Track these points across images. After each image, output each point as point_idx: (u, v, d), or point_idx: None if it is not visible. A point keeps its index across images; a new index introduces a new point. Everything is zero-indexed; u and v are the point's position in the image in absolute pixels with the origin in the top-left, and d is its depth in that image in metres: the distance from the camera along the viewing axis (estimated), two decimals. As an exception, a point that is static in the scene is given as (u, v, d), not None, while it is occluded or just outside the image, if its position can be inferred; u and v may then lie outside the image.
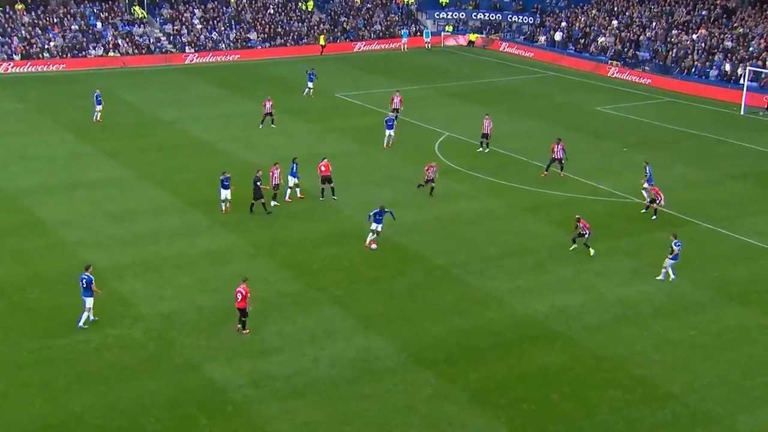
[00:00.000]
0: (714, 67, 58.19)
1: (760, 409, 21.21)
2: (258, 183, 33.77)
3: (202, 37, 70.22)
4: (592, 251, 30.27)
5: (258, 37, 72.13)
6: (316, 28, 74.45)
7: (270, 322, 25.57)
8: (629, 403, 21.65)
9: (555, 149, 38.56)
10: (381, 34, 76.03)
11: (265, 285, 27.70)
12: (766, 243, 31.05)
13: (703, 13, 65.43)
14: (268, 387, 22.29)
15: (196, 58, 68.18)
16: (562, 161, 38.57)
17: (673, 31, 64.36)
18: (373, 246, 30.81)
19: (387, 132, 43.57)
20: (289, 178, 35.41)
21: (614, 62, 64.15)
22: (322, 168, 35.60)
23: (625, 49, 64.74)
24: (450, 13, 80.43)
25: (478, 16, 79.79)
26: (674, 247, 28.22)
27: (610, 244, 31.38)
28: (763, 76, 53.96)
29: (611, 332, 25.25)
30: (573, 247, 30.73)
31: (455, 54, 73.48)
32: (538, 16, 76.86)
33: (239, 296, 24.46)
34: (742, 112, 50.83)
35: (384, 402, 21.80)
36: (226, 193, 33.84)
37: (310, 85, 55.37)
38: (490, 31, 77.95)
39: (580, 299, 27.25)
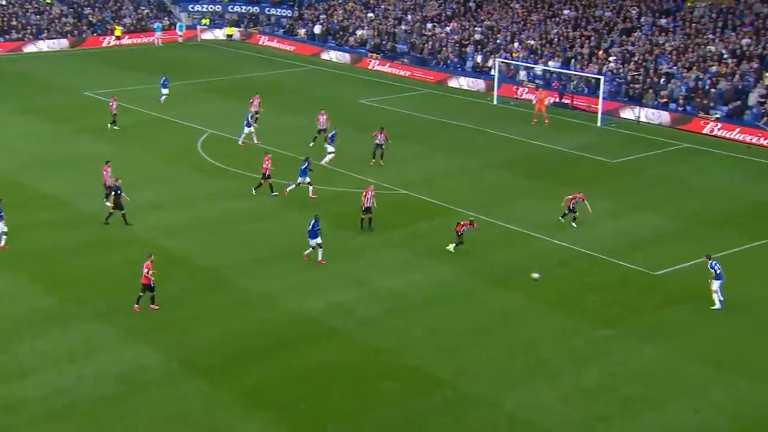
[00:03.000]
0: (467, 59, 61.57)
1: (524, 387, 22.73)
2: (118, 192, 31.98)
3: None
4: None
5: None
6: (57, 21, 70.57)
7: (22, 340, 24.15)
8: (405, 393, 22.46)
9: (377, 136, 40.22)
10: (132, 27, 73.46)
11: (13, 302, 26.00)
12: (524, 228, 33.31)
13: (453, 6, 69.01)
14: (23, 412, 20.98)
15: None
16: (383, 147, 40.13)
17: (428, 24, 67.36)
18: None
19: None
20: (300, 177, 35.28)
21: (374, 55, 66.11)
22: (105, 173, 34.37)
23: (384, 42, 66.93)
24: (205, 6, 79.27)
25: (235, 9, 79.27)
26: (710, 269, 26.81)
27: (381, 237, 32.36)
28: (512, 67, 57.81)
29: (386, 324, 26.07)
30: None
31: (213, 48, 72.54)
32: (295, 8, 77.60)
33: (144, 272, 25.59)
34: (495, 102, 54.18)
35: (155, 415, 21.21)
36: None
37: (165, 91, 51.87)
38: (248, 25, 77.69)
39: (354, 294, 27.89)
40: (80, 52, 67.22)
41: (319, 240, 29.67)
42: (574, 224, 32.93)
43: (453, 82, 59.48)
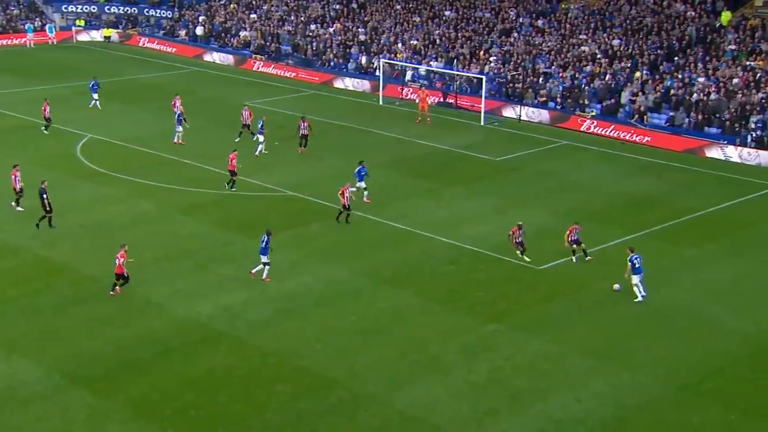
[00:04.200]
0: (351, 59, 61.69)
1: (414, 385, 22.88)
2: (44, 196, 30.88)
3: None
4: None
5: None
6: None
7: None
8: (296, 395, 22.28)
9: (301, 125, 42.23)
10: (1, 29, 70.46)
11: None
12: (411, 226, 33.56)
13: (336, 7, 69.06)
14: None
15: None
16: (307, 136, 41.88)
17: (311, 25, 67.17)
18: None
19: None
20: (358, 182, 35.44)
21: (258, 56, 65.47)
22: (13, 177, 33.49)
23: (268, 43, 66.35)
24: (80, 7, 76.78)
25: (112, 10, 77.09)
26: (629, 262, 27.41)
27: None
28: (396, 67, 58.25)
29: (275, 327, 25.80)
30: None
31: (90, 50, 70.35)
32: (176, 9, 76.07)
33: (116, 261, 26.61)
34: (380, 103, 54.47)
35: (37, 431, 20.33)
36: None
37: (95, 96, 49.77)
38: (126, 26, 75.67)
39: (243, 297, 27.49)
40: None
41: (266, 258, 28.31)
42: (588, 257, 30.25)
43: (338, 83, 59.49)
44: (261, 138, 41.87)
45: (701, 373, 23.66)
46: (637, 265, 27.46)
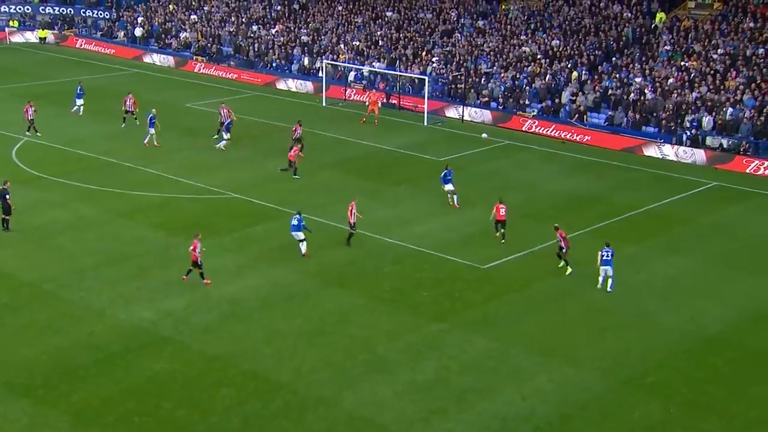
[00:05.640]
0: (294, 61, 61.39)
1: (362, 385, 22.83)
2: (6, 197, 30.38)
3: None
4: (568, 270, 29.32)
5: None
6: None
7: None
8: (242, 399, 22.04)
9: (297, 130, 42.00)
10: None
11: None
12: (356, 227, 33.43)
13: (278, 8, 68.67)
14: None
15: None
16: (302, 140, 41.78)
17: (253, 26, 66.67)
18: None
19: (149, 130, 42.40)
20: (446, 185, 35.81)
21: (199, 57, 64.74)
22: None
23: (209, 44, 65.65)
24: (13, 7, 74.97)
25: (47, 10, 75.48)
26: (600, 253, 28.15)
27: (213, 242, 31.62)
28: (339, 69, 58.11)
29: (220, 331, 25.50)
30: (564, 267, 29.40)
31: (24, 52, 68.81)
32: (113, 10, 74.85)
33: (191, 250, 27.40)
34: (323, 104, 54.28)
35: (-25, 443, 19.84)
36: None
37: (79, 102, 48.35)
38: (62, 27, 74.16)
39: (186, 301, 27.12)
40: None
41: (302, 235, 30.28)
42: (569, 269, 29.56)
43: (281, 85, 59.13)
44: (226, 135, 42.82)
45: (642, 368, 24.03)
46: (604, 257, 28.30)
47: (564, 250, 29.49)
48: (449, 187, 35.98)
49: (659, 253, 31.90)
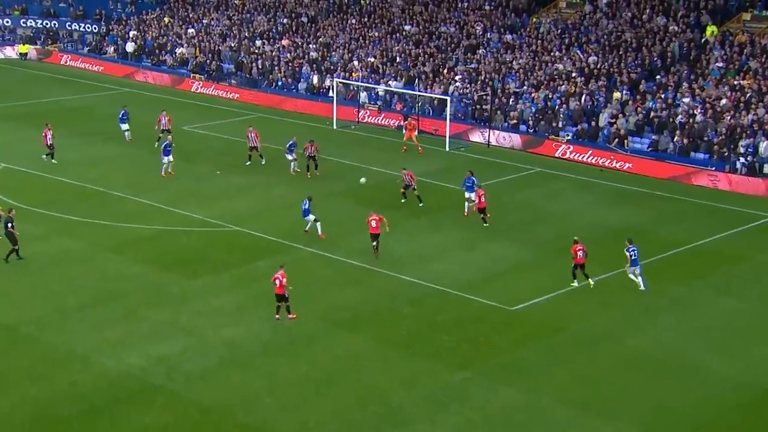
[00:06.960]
0: (301, 79, 62.02)
1: (376, 440, 22.95)
2: (9, 226, 31.07)
3: None
4: (574, 283, 31.42)
5: None
6: None
7: None
8: (243, 455, 22.17)
9: (308, 148, 43.76)
10: None
11: None
12: (368, 263, 33.66)
13: (284, 21, 69.43)
14: None
15: None
16: (315, 158, 43.69)
17: (257, 41, 67.46)
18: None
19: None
20: (467, 193, 38.22)
21: (197, 75, 65.52)
22: None
23: (208, 61, 66.45)
24: (-8, 21, 76.37)
25: (29, 24, 76.71)
26: (626, 253, 30.57)
27: (210, 279, 31.93)
28: (351, 88, 58.64)
29: (217, 379, 25.65)
30: (575, 282, 31.57)
31: (3, 69, 69.89)
32: (102, 23, 75.95)
33: (277, 282, 28.30)
34: (334, 126, 54.74)
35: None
36: None
37: (124, 127, 49.54)
38: (46, 42, 75.29)
39: (180, 346, 27.32)
40: None
41: (312, 216, 34.40)
42: (584, 281, 31.54)
43: (288, 105, 59.71)
44: (290, 157, 44.05)
45: (690, 425, 23.94)
46: (633, 257, 30.30)
47: (577, 268, 31.26)
48: (470, 195, 37.00)
49: (709, 295, 31.87)
